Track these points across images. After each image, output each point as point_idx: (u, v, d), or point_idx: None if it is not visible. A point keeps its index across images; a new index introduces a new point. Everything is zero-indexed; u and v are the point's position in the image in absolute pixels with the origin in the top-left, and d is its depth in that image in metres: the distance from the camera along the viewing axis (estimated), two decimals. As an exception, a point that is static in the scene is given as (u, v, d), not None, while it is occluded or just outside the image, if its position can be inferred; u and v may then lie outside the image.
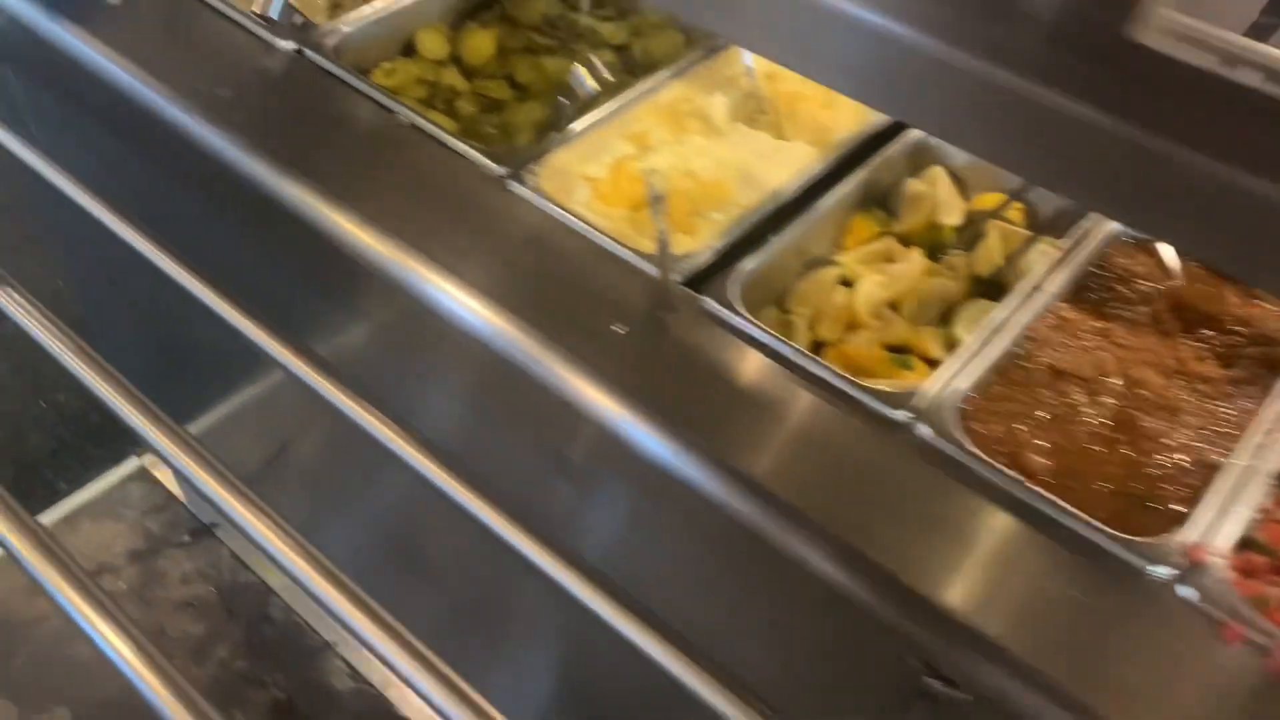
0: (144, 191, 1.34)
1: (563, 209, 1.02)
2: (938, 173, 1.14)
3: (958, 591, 0.78)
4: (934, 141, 1.15)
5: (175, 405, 0.90)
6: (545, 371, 0.90)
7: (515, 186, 1.06)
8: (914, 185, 1.13)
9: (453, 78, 1.26)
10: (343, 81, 1.16)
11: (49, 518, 2.08)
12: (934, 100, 0.71)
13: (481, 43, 1.29)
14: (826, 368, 0.90)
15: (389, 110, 1.13)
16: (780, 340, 0.92)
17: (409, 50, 1.30)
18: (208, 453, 0.85)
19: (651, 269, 0.98)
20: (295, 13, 1.20)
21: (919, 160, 1.16)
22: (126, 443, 2.21)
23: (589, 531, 1.07)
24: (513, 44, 1.32)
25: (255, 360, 1.05)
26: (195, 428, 1.85)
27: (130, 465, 2.19)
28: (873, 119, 1.16)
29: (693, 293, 0.97)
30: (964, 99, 0.67)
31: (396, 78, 1.24)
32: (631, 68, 1.33)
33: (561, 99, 1.10)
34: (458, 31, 1.32)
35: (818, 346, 1.01)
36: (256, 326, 0.94)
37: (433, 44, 1.28)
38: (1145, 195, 0.63)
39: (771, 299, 1.03)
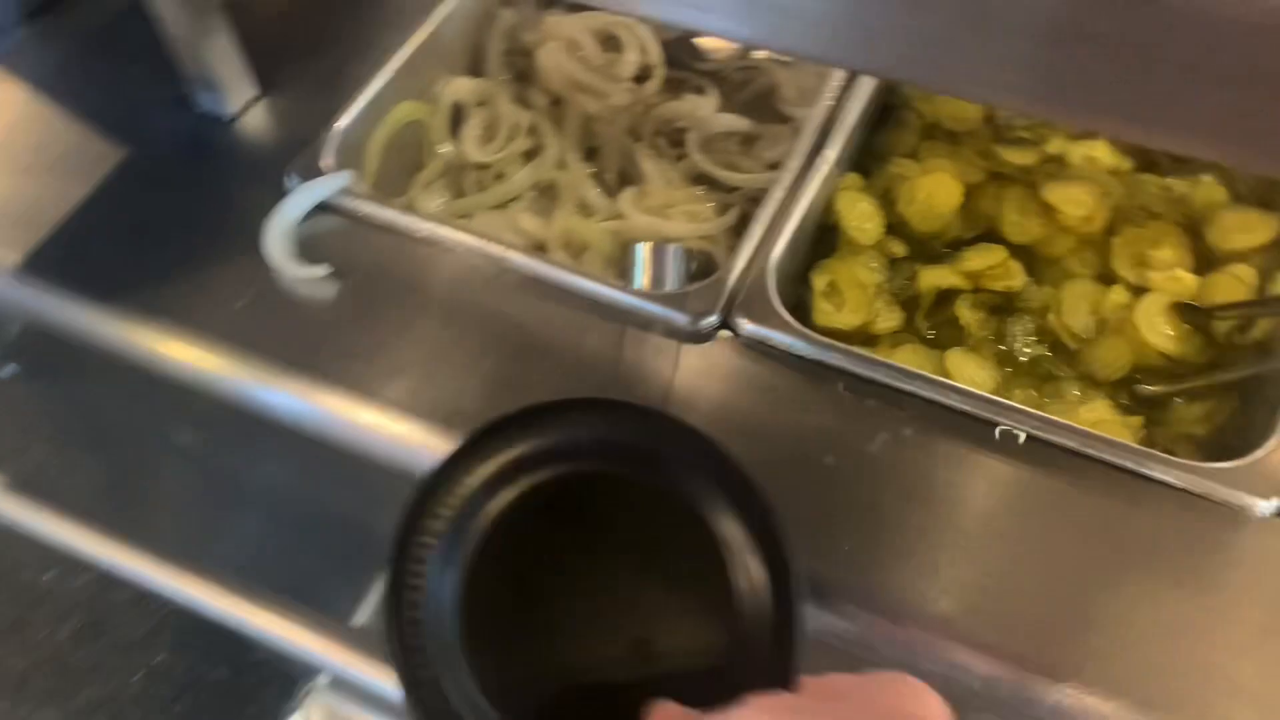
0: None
1: None
2: None
3: None
4: None
5: None
6: None
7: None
8: None
9: (935, 276, 0.73)
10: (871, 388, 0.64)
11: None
12: None
13: (940, 192, 0.75)
14: None
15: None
16: None
17: (823, 238, 0.76)
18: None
19: None
20: (692, 260, 0.66)
21: None
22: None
23: None
24: (969, 174, 0.78)
25: None
26: None
27: (293, 723, 1.67)
28: None
29: None
30: None
31: (848, 310, 0.71)
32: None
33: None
34: (877, 179, 0.79)
35: None
36: None
37: (862, 220, 0.74)
38: None
39: None
